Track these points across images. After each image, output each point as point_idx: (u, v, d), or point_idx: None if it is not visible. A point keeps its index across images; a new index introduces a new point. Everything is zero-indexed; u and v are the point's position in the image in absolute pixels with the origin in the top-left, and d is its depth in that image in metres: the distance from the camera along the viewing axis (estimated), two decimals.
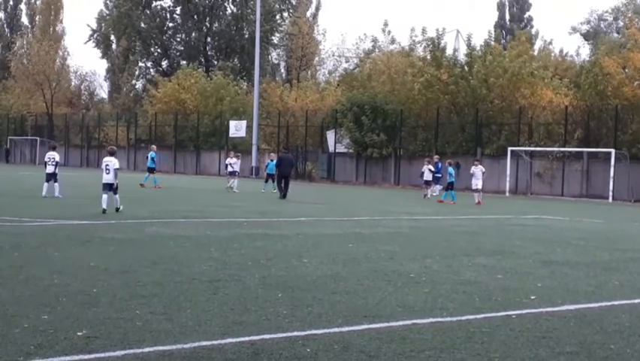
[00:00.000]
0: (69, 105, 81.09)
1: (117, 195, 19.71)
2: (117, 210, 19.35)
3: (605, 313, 8.44)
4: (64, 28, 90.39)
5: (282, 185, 29.78)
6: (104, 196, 19.45)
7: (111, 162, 19.90)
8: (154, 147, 38.69)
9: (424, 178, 33.54)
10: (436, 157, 37.61)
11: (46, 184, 24.74)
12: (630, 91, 40.95)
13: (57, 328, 6.88)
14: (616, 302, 9.15)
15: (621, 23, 71.85)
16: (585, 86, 42.67)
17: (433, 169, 33.68)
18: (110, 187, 19.58)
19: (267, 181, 34.50)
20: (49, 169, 25.12)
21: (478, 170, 30.94)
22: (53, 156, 25.72)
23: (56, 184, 24.89)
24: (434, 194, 34.19)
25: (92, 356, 6.07)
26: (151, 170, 35.52)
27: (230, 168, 34.64)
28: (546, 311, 8.41)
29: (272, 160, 34.88)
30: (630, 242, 17.00)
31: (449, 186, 31.24)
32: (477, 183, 30.66)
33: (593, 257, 13.63)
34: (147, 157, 36.68)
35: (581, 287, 10.12)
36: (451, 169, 31.69)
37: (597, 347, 6.90)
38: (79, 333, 6.71)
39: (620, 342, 7.10)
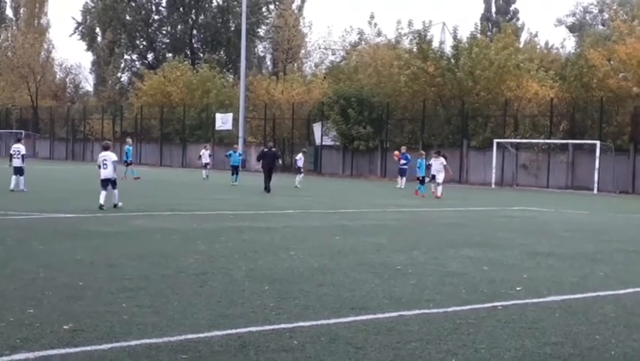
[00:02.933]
0: (54, 98, 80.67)
1: (116, 191, 19.27)
2: (115, 206, 18.88)
3: (590, 304, 8.49)
4: (48, 21, 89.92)
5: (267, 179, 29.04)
6: (103, 192, 18.84)
7: (108, 156, 19.33)
8: (130, 140, 40.14)
9: (431, 172, 32.20)
10: (403, 148, 37.72)
11: (14, 177, 24.12)
12: (615, 83, 41.10)
13: (43, 321, 6.86)
14: (601, 293, 9.21)
15: (606, 15, 72.11)
16: (570, 78, 42.83)
17: (444, 162, 32.35)
18: (108, 183, 19.07)
19: (233, 174, 34.71)
20: (15, 162, 24.41)
21: (437, 162, 28.85)
22: (18, 148, 25.01)
23: (22, 178, 24.03)
24: (398, 186, 34.36)
25: (79, 349, 6.05)
26: (128, 162, 36.52)
27: (299, 164, 34.75)
28: (532, 302, 8.46)
29: (235, 151, 36.67)
30: (615, 233, 17.10)
31: (421, 179, 29.84)
32: (437, 176, 28.58)
33: (578, 248, 13.70)
34: (125, 150, 37.51)
35: (566, 278, 10.18)
36: (420, 161, 30.66)
37: (582, 337, 6.95)
38: (65, 327, 6.69)
39: (605, 333, 7.14)
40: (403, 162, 35.75)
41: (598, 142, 38.28)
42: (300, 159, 34.93)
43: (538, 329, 7.21)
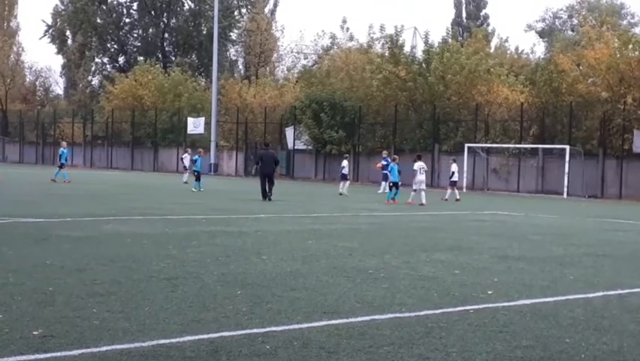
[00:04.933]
0: (24, 101, 80.00)
1: None
2: None
3: (560, 308, 8.55)
4: (18, 24, 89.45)
5: (266, 186, 26.45)
6: None
7: None
8: (64, 143, 40.63)
9: (452, 179, 31.22)
10: (385, 152, 37.83)
11: None
12: (584, 88, 41.60)
13: (12, 327, 6.78)
14: (571, 296, 9.29)
15: (575, 21, 72.90)
16: (540, 83, 43.26)
17: (454, 170, 31.42)
18: None
19: (197, 180, 32.05)
20: None
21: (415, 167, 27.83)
22: None
23: None
24: (379, 192, 34.35)
25: (49, 355, 5.99)
26: (61, 165, 36.11)
27: (345, 171, 33.37)
28: (502, 306, 8.50)
29: (199, 155, 34.43)
30: (584, 237, 17.26)
31: (394, 185, 28.30)
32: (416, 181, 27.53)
33: (548, 252, 13.81)
34: (62, 155, 37.06)
35: (536, 282, 10.25)
36: (392, 166, 28.95)
37: (552, 340, 7.00)
38: (34, 332, 6.62)
39: (574, 336, 7.20)
40: (383, 163, 35.80)
41: (567, 147, 38.70)
42: (345, 166, 33.76)
43: (509, 332, 7.25)
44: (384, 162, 35.86)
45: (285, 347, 6.46)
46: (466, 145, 42.10)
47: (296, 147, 51.49)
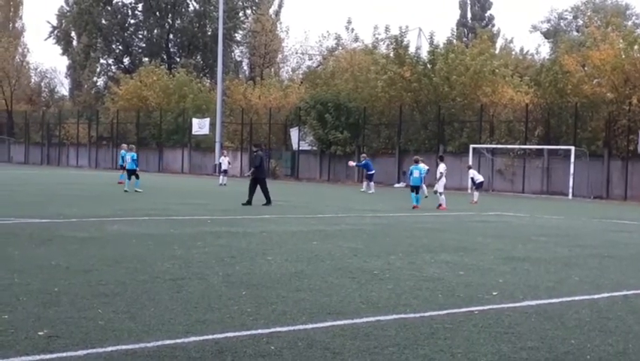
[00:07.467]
0: (29, 102, 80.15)
1: None
2: None
3: (565, 309, 8.54)
4: (23, 25, 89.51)
5: (254, 190, 24.34)
6: None
7: None
8: (125, 145, 36.01)
9: (477, 182, 31.18)
10: (363, 155, 38.22)
11: None
12: (589, 89, 41.50)
13: (17, 328, 6.79)
14: (576, 298, 9.27)
15: (581, 22, 72.78)
16: (545, 83, 43.17)
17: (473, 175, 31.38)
18: None
19: (129, 178, 29.49)
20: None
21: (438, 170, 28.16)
22: None
23: None
24: (363, 189, 34.52)
25: (54, 355, 6.00)
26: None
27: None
28: (508, 307, 8.49)
29: (127, 151, 30.91)
30: (589, 238, 17.23)
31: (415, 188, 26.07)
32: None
33: (553, 253, 13.79)
34: (124, 157, 31.91)
35: (541, 283, 10.23)
36: (418, 168, 26.77)
37: (558, 342, 6.99)
38: (40, 333, 6.63)
39: (580, 337, 7.19)
40: (353, 164, 37.42)
41: (572, 147, 38.64)
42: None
43: (514, 333, 7.24)
44: (355, 164, 37.40)
45: (289, 347, 6.46)
46: (471, 146, 42.04)
47: (301, 148, 51.51)
